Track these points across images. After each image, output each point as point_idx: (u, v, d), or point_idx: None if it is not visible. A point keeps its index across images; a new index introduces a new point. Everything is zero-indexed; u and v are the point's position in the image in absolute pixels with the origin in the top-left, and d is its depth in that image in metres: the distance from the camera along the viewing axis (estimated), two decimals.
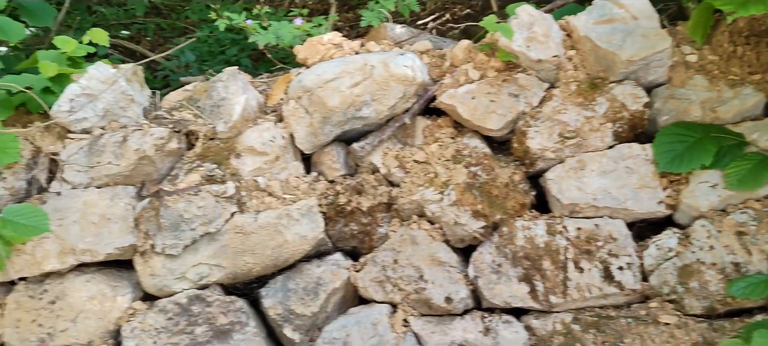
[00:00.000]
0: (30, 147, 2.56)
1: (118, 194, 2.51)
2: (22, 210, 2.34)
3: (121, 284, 2.49)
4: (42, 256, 2.43)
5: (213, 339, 2.40)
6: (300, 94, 2.57)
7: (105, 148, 2.51)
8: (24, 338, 2.39)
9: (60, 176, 2.55)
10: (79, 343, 2.41)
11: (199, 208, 2.40)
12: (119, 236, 2.45)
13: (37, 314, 2.41)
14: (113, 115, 2.60)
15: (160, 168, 2.57)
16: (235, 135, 2.60)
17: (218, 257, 2.43)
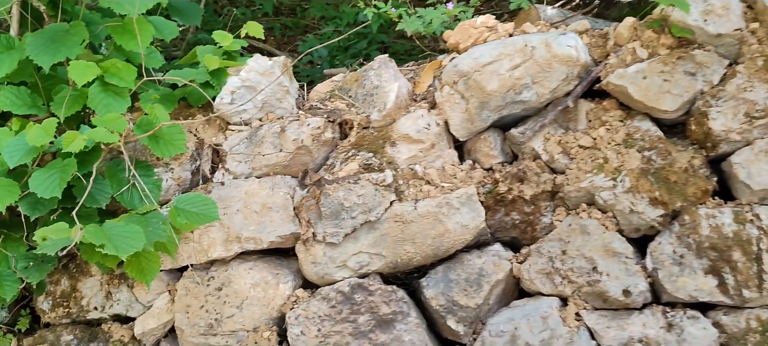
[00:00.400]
0: (193, 139, 2.62)
1: (278, 184, 2.53)
2: (193, 199, 2.39)
3: (282, 272, 2.50)
4: (208, 244, 2.49)
5: (375, 328, 2.36)
6: (455, 80, 2.49)
7: (264, 139, 2.53)
8: (193, 323, 2.45)
9: (222, 167, 2.60)
10: (245, 329, 2.44)
11: (359, 196, 2.38)
12: (281, 224, 2.46)
13: (204, 300, 2.46)
14: (270, 106, 2.63)
15: (316, 158, 2.57)
16: (388, 123, 2.56)
17: (378, 245, 2.40)
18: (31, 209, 2.29)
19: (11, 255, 2.35)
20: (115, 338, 2.50)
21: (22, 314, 2.59)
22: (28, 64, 2.52)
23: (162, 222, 2.32)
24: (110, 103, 2.46)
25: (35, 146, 2.23)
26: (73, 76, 2.35)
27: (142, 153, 2.58)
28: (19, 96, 2.51)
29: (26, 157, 2.25)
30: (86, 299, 2.52)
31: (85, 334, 2.51)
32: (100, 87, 2.45)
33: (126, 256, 2.11)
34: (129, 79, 2.47)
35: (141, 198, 2.42)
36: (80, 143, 2.18)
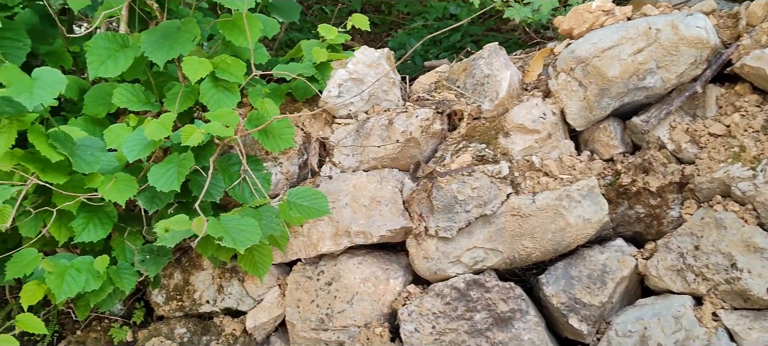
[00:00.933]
0: (300, 133, 2.61)
1: (386, 177, 2.47)
2: (303, 193, 2.37)
3: (392, 267, 2.45)
4: (317, 238, 2.46)
5: (492, 326, 2.27)
6: (572, 66, 2.37)
7: (372, 132, 2.48)
8: (305, 317, 2.42)
9: (329, 160, 2.57)
10: (357, 325, 2.40)
11: (474, 189, 2.29)
12: (390, 218, 2.41)
13: (315, 295, 2.43)
14: (376, 99, 2.58)
15: (425, 150, 2.50)
16: (501, 113, 2.46)
17: (494, 240, 2.31)
18: (149, 202, 2.32)
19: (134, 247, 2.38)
20: (227, 332, 2.50)
21: (137, 306, 2.63)
22: (141, 61, 2.57)
23: (275, 216, 2.31)
24: (221, 98, 2.47)
25: (153, 141, 2.25)
26: (186, 72, 2.36)
27: (250, 148, 2.58)
28: (134, 93, 2.55)
29: (144, 151, 2.28)
30: (198, 292, 2.54)
31: (197, 327, 2.53)
32: (211, 83, 2.47)
33: (244, 249, 2.10)
34: (239, 74, 2.47)
35: (251, 192, 2.43)
36: (198, 137, 2.19)
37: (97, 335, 2.56)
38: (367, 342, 2.35)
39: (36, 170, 2.21)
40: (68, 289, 2.18)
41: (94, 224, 2.32)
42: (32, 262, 2.17)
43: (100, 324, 2.59)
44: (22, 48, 2.64)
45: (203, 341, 2.48)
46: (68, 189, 2.23)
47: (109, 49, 2.47)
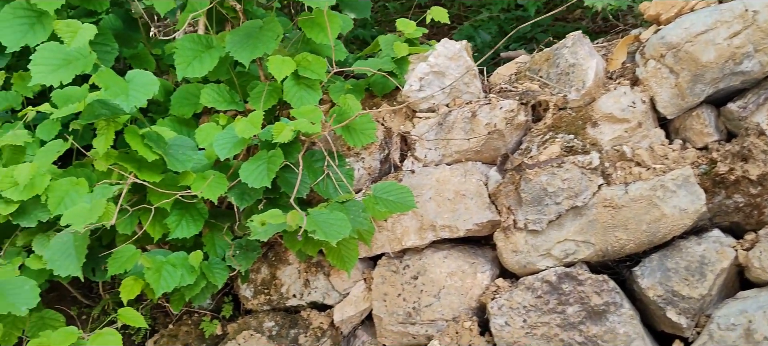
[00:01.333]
0: (381, 128, 2.61)
1: (470, 170, 2.45)
2: (389, 187, 2.37)
3: (479, 261, 2.43)
4: (401, 232, 2.46)
5: (586, 320, 2.23)
6: (662, 53, 2.31)
7: (455, 125, 2.47)
8: (392, 311, 2.43)
9: (411, 155, 2.57)
10: (444, 319, 2.39)
11: (564, 180, 2.25)
12: (476, 211, 2.39)
13: (401, 289, 2.43)
14: (457, 91, 2.56)
15: (509, 142, 2.47)
16: (587, 103, 2.41)
17: (586, 232, 2.26)
18: (240, 199, 2.37)
19: (231, 242, 2.44)
20: (314, 325, 2.53)
21: (225, 301, 2.69)
22: (224, 62, 2.62)
23: (362, 210, 2.32)
24: (303, 96, 2.49)
25: (244, 138, 2.29)
26: (272, 70, 2.40)
27: (332, 144, 2.60)
28: (220, 93, 2.60)
29: (235, 149, 2.32)
30: (285, 286, 2.58)
31: (285, 320, 2.56)
32: (293, 81, 2.49)
33: (335, 242, 2.12)
34: (320, 71, 2.49)
35: (335, 188, 2.45)
36: (288, 134, 2.22)
37: (188, 328, 2.63)
38: (456, 336, 2.34)
39: (133, 169, 2.27)
40: (166, 283, 2.24)
41: (186, 221, 2.37)
42: (131, 258, 2.24)
43: (191, 318, 2.65)
44: (110, 52, 2.72)
45: (291, 335, 2.52)
46: (161, 187, 2.29)
47: (195, 51, 2.52)
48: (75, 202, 2.19)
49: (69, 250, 2.12)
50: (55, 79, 2.07)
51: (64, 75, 2.09)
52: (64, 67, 2.11)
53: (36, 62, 2.09)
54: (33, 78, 2.06)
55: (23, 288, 2.04)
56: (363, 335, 2.55)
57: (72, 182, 2.26)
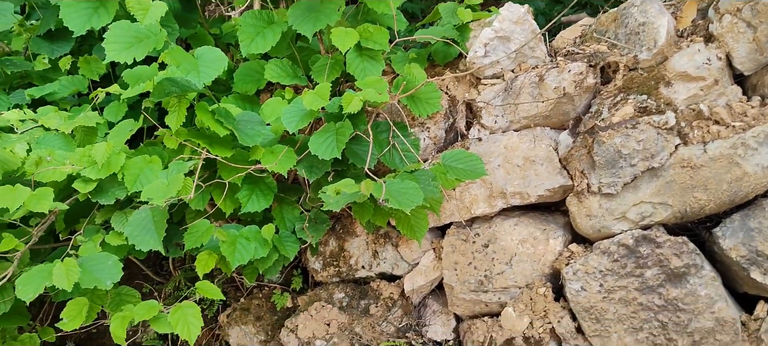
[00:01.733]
0: (445, 97, 2.58)
1: (539, 136, 2.42)
2: (458, 155, 2.35)
3: (550, 227, 2.40)
4: (470, 200, 2.44)
5: (665, 283, 2.19)
6: (738, 6, 2.23)
7: (522, 90, 2.43)
8: (463, 280, 2.42)
9: (477, 122, 2.54)
10: (517, 286, 2.37)
11: (639, 142, 2.20)
12: (547, 177, 2.36)
13: (472, 257, 2.42)
14: (523, 56, 2.52)
15: (578, 105, 2.42)
16: (660, 62, 2.35)
17: (663, 194, 2.21)
18: (309, 171, 2.37)
19: (306, 211, 2.45)
20: (384, 295, 2.54)
21: (295, 274, 2.71)
22: (285, 37, 2.62)
23: (431, 179, 2.30)
24: (366, 67, 2.48)
25: (311, 110, 2.29)
26: (335, 42, 2.39)
27: (396, 115, 2.58)
28: (283, 68, 2.61)
29: (303, 121, 2.32)
30: (354, 258, 2.58)
31: (355, 292, 2.58)
32: (356, 53, 2.48)
33: (409, 209, 2.10)
34: (383, 42, 2.47)
35: (401, 158, 2.43)
36: (357, 104, 2.21)
37: (260, 302, 2.66)
38: (530, 303, 2.32)
39: (205, 145, 2.30)
40: (240, 256, 2.27)
41: (257, 195, 2.39)
42: (207, 232, 2.27)
43: (262, 292, 2.68)
44: (172, 33, 2.75)
45: (362, 306, 2.53)
46: (232, 163, 2.31)
47: (257, 27, 2.52)
48: (150, 179, 2.23)
49: (148, 225, 2.16)
50: (129, 56, 2.10)
51: (136, 52, 2.11)
52: (136, 45, 2.13)
53: (109, 40, 2.11)
54: (107, 56, 2.08)
55: (106, 263, 2.09)
56: (434, 305, 2.55)
57: (146, 160, 2.29)
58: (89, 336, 2.97)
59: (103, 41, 2.80)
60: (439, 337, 2.50)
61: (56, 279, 1.91)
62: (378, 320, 2.49)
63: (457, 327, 2.53)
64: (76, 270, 1.94)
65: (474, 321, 2.45)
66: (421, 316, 2.54)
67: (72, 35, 2.86)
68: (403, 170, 2.35)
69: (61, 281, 1.90)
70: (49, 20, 2.92)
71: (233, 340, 2.62)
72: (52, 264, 1.96)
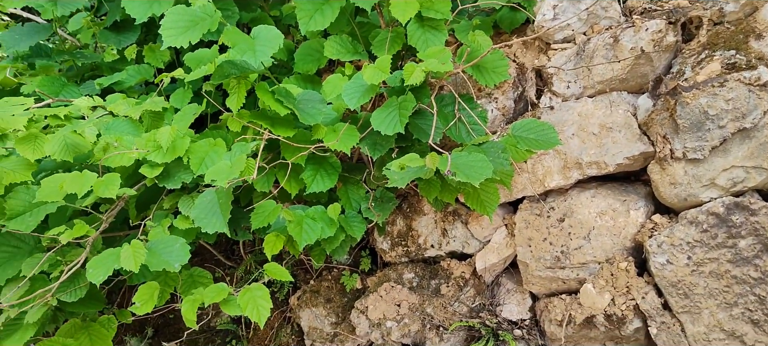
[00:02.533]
0: (513, 65, 2.46)
1: (615, 101, 2.26)
2: (529, 125, 2.23)
3: (630, 198, 2.24)
4: (543, 173, 2.31)
5: (762, 253, 2.00)
6: None
7: (595, 53, 2.28)
8: (538, 256, 2.30)
9: (548, 90, 2.40)
10: (597, 260, 2.23)
11: (728, 101, 2.01)
12: (626, 145, 2.20)
13: (547, 233, 2.29)
14: (595, 17, 2.36)
15: (657, 66, 2.25)
16: (748, 13, 2.14)
17: (757, 157, 2.02)
18: (372, 148, 2.31)
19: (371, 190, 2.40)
20: (455, 275, 2.45)
21: (363, 255, 2.66)
22: (344, 13, 2.55)
23: (501, 151, 2.19)
24: (428, 38, 2.39)
25: (372, 85, 2.22)
26: (395, 14, 2.30)
27: (461, 86, 2.48)
28: (343, 44, 2.55)
29: (364, 97, 2.25)
30: (422, 237, 2.51)
31: (425, 272, 2.50)
32: (417, 23, 2.39)
33: (478, 183, 2.00)
34: (445, 10, 2.36)
35: (468, 131, 2.33)
36: (420, 75, 2.12)
37: (329, 283, 2.63)
38: (611, 278, 2.18)
39: (267, 126, 2.27)
40: (307, 236, 2.23)
41: (321, 175, 2.35)
42: (273, 212, 2.24)
43: (330, 274, 2.65)
44: (232, 16, 2.74)
45: (432, 285, 2.45)
46: (294, 142, 2.28)
47: (315, 3, 2.47)
48: (214, 162, 2.22)
49: (214, 208, 2.15)
50: (184, 39, 2.09)
51: (192, 35, 2.10)
52: (192, 28, 2.12)
53: (166, 26, 2.11)
54: (164, 41, 2.08)
55: (174, 246, 2.09)
56: (507, 283, 2.44)
57: (210, 143, 2.28)
58: (167, 322, 3.03)
59: None
60: (514, 316, 2.39)
61: (124, 261, 1.92)
62: (449, 300, 2.41)
63: (532, 306, 2.41)
64: (143, 252, 1.95)
65: (551, 299, 2.33)
66: (495, 295, 2.44)
67: (138, 27, 2.92)
68: (470, 144, 2.25)
69: (128, 262, 1.92)
70: (114, 12, 2.97)
71: (304, 322, 2.60)
72: (120, 248, 1.98)
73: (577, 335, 2.25)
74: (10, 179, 2.00)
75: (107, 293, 2.73)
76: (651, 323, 2.13)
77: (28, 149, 2.07)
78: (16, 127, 1.92)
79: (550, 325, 2.31)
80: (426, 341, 2.39)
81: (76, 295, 2.17)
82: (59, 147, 2.07)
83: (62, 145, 2.08)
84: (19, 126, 1.93)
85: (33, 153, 2.06)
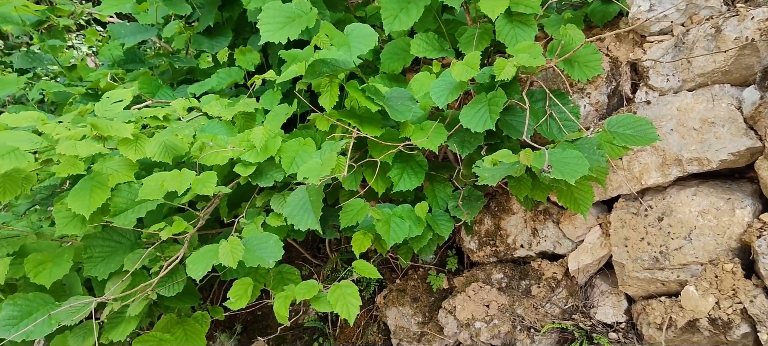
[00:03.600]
0: (606, 59, 2.38)
1: (717, 95, 2.14)
2: (624, 120, 2.14)
3: (735, 196, 2.12)
4: (639, 170, 2.22)
5: None
6: None
7: (695, 45, 2.17)
8: (635, 257, 2.21)
9: (644, 84, 2.31)
10: (699, 262, 2.12)
11: None
12: (730, 140, 2.08)
13: (644, 232, 2.20)
14: (694, 7, 2.26)
15: (764, 57, 2.12)
16: None
17: None
18: (461, 146, 2.29)
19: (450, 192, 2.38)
20: (547, 275, 2.39)
21: (449, 255, 2.64)
22: (429, 11, 2.55)
23: (596, 147, 2.12)
24: (518, 33, 2.35)
25: (461, 82, 2.20)
26: (484, 9, 2.27)
27: (552, 82, 2.42)
28: (429, 41, 2.54)
29: (453, 94, 2.24)
30: (511, 237, 2.46)
31: (514, 272, 2.45)
32: (506, 19, 2.35)
33: (573, 180, 1.94)
34: (534, 4, 2.32)
35: (560, 128, 2.27)
36: (511, 70, 2.09)
37: (415, 283, 2.62)
38: (716, 280, 2.07)
39: (356, 124, 2.28)
40: (395, 235, 2.23)
41: (408, 174, 2.35)
42: (361, 211, 2.26)
43: (416, 273, 2.64)
44: (324, 17, 2.78)
45: (522, 286, 2.40)
46: (381, 141, 2.28)
47: (400, 3, 2.47)
48: (305, 160, 2.25)
49: (306, 205, 2.18)
50: (282, 35, 2.13)
51: (290, 31, 2.14)
52: (289, 24, 2.16)
53: (263, 21, 2.16)
54: (262, 36, 2.13)
55: (268, 242, 2.13)
56: (601, 285, 2.36)
57: (300, 143, 2.32)
58: (255, 319, 3.10)
59: (257, 34, 2.93)
60: (609, 319, 2.31)
61: (222, 257, 1.97)
62: (541, 301, 2.35)
63: (628, 308, 2.32)
64: (240, 248, 1.99)
65: (649, 302, 2.24)
66: (588, 297, 2.36)
67: (229, 31, 3.01)
68: (563, 140, 2.19)
69: (227, 258, 1.97)
70: (207, 18, 3.07)
71: (391, 321, 2.60)
72: (218, 244, 2.03)
73: (679, 339, 2.15)
74: (116, 179, 2.09)
75: (199, 290, 2.82)
76: (761, 328, 2.01)
77: (130, 150, 2.16)
78: (124, 135, 2.01)
79: (649, 328, 2.21)
80: (516, 343, 2.34)
81: (174, 289, 2.25)
82: (159, 149, 2.16)
83: (161, 147, 2.16)
84: (126, 134, 2.02)
85: (134, 154, 2.15)
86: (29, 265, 2.11)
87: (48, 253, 2.18)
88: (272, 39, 2.11)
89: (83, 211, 1.96)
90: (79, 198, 2.01)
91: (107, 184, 2.04)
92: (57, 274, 2.08)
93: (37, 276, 2.08)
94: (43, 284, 2.06)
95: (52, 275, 2.08)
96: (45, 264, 2.14)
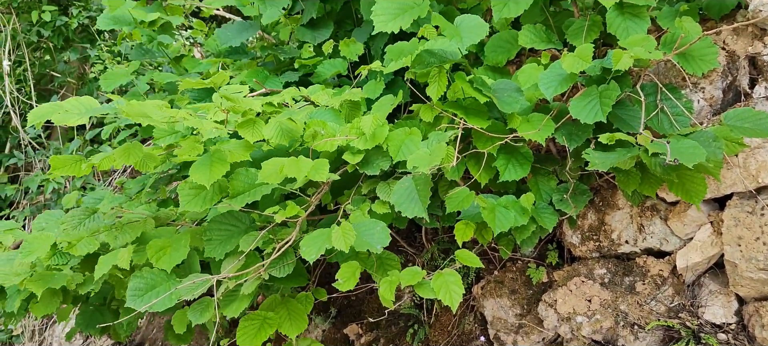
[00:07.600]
0: (722, 53, 2.31)
1: None
2: (743, 114, 2.09)
3: None
4: (756, 168, 2.14)
5: None
6: None
7: None
8: (749, 256, 2.14)
9: (763, 79, 2.23)
10: None
11: None
12: None
13: (759, 232, 2.13)
14: None
15: None
16: None
17: None
18: (569, 138, 2.28)
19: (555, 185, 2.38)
20: (652, 272, 2.35)
21: (549, 248, 2.63)
22: (537, 2, 2.54)
23: (712, 139, 2.06)
24: (629, 26, 2.31)
25: (572, 74, 2.20)
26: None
27: (663, 76, 2.37)
28: (537, 33, 2.53)
29: (562, 86, 2.23)
30: (616, 232, 2.43)
31: (618, 268, 2.42)
32: (617, 11, 2.32)
33: (691, 164, 1.90)
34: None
35: (671, 122, 2.23)
36: (628, 61, 2.06)
37: (514, 275, 2.63)
38: None
39: (462, 115, 2.31)
40: (501, 223, 2.24)
41: (513, 165, 2.36)
42: (467, 199, 2.28)
43: (515, 265, 2.65)
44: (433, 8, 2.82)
45: (626, 282, 2.36)
46: (487, 133, 2.30)
47: None
48: (411, 149, 2.30)
49: (412, 194, 2.23)
50: (396, 25, 2.19)
51: (403, 21, 2.19)
52: (402, 15, 2.22)
53: (377, 13, 2.22)
54: (375, 27, 2.19)
55: (376, 229, 2.19)
56: (710, 284, 2.30)
57: (406, 132, 2.37)
58: (349, 303, 3.18)
59: (360, 26, 3.00)
60: (718, 320, 2.24)
61: (335, 241, 2.04)
62: (645, 298, 2.31)
63: (739, 309, 2.25)
64: (352, 234, 2.06)
65: (763, 303, 2.16)
66: (696, 296, 2.30)
67: (331, 23, 3.09)
68: (675, 134, 2.15)
69: (340, 242, 2.04)
70: (310, 10, 3.17)
71: (489, 312, 2.62)
72: (330, 229, 2.11)
73: None
74: (234, 157, 2.21)
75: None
76: None
77: (247, 132, 2.27)
78: (254, 108, 2.12)
79: (762, 330, 2.14)
80: (618, 339, 2.32)
81: (285, 271, 2.35)
82: (276, 131, 2.26)
83: (278, 129, 2.26)
84: (257, 107, 2.13)
85: (252, 136, 2.26)
86: (151, 250, 2.26)
87: (167, 239, 2.32)
88: (385, 29, 2.17)
89: (204, 181, 2.09)
90: (200, 171, 2.14)
91: (226, 160, 2.16)
92: (176, 259, 2.23)
93: (159, 261, 2.23)
94: (164, 268, 2.20)
95: (173, 260, 2.23)
96: (165, 249, 2.29)
